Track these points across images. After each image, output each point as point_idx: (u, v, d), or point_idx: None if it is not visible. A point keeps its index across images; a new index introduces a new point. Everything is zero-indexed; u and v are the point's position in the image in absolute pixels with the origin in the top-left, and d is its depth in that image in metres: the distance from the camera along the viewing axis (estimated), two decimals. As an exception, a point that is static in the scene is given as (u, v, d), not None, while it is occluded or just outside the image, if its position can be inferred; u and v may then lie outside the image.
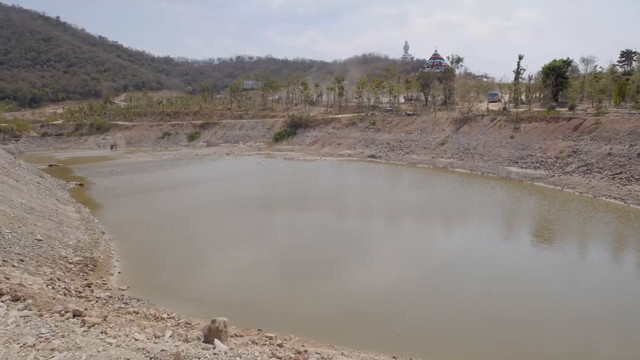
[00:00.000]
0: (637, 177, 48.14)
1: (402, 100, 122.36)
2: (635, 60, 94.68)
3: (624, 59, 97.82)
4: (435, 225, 40.02)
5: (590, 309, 22.32)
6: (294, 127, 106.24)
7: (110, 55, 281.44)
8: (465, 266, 28.69)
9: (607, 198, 46.43)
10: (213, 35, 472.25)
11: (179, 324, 18.49)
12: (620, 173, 50.23)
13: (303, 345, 17.71)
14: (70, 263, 24.60)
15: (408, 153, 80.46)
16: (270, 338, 17.95)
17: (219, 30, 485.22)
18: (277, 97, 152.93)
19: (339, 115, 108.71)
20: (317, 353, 16.34)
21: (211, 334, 13.53)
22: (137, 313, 18.98)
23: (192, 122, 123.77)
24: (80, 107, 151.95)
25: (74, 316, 13.93)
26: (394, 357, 17.35)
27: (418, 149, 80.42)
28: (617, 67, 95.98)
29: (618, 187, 48.10)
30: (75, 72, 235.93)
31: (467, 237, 36.25)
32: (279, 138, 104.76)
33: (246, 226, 37.69)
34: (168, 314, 19.63)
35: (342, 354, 17.00)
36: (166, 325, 17.59)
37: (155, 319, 18.66)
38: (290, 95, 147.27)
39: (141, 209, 44.52)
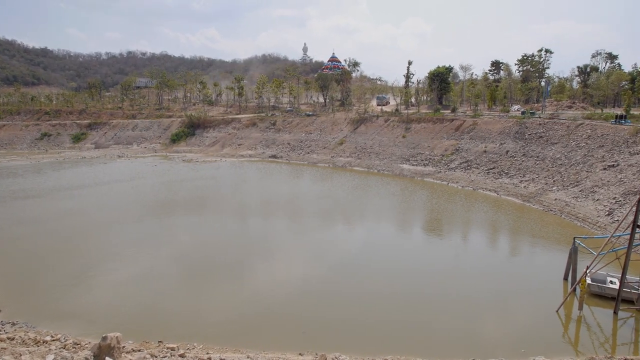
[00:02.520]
0: (506, 171, 54.88)
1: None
2: (502, 70, 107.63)
3: (494, 68, 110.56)
4: (336, 222, 41.44)
5: (472, 289, 24.96)
6: (193, 128, 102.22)
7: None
8: (364, 260, 30.18)
9: (483, 190, 52.24)
10: (99, 28, 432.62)
11: (65, 345, 16.80)
12: (493, 168, 56.84)
13: (207, 353, 17.24)
14: None
15: (308, 153, 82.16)
16: (172, 349, 17.17)
17: (106, 22, 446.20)
18: (173, 96, 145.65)
19: (239, 116, 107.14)
20: (221, 359, 16.03)
21: (102, 353, 12.53)
22: (13, 339, 16.86)
23: (78, 121, 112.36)
24: None
25: None
26: (300, 354, 17.67)
27: (318, 148, 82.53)
28: (489, 75, 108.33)
29: (492, 180, 54.41)
30: None
31: (366, 232, 38.17)
32: (176, 139, 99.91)
33: (141, 233, 35.38)
34: (52, 336, 17.73)
35: (248, 357, 16.88)
36: (49, 349, 15.88)
37: (35, 343, 16.73)
38: (188, 95, 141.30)
39: (10, 220, 38.91)
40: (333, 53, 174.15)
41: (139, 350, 16.38)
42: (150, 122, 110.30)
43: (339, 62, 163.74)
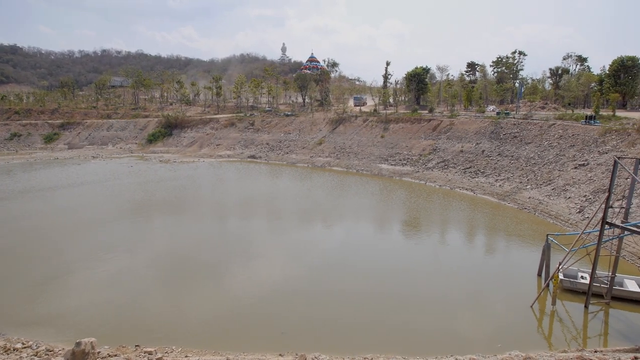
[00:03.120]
0: (482, 170, 55.96)
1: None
2: (478, 71, 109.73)
3: (470, 69, 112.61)
4: (315, 222, 41.47)
5: (450, 287, 25.35)
6: (170, 128, 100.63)
7: None
8: (344, 260, 30.30)
9: (460, 189, 53.14)
10: (72, 25, 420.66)
11: (37, 352, 16.30)
12: (470, 168, 57.87)
13: (186, 356, 17.02)
14: None
15: (287, 153, 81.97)
16: (150, 353, 16.88)
17: (79, 19, 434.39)
18: (150, 95, 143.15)
19: (218, 116, 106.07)
20: (200, 362, 15.86)
21: (76, 359, 12.22)
22: (-19, 347, 16.26)
23: (49, 121, 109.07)
24: None
25: None
26: (280, 355, 17.61)
27: (297, 148, 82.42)
28: (465, 75, 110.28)
29: (468, 179, 55.39)
30: None
31: (345, 232, 38.32)
32: (153, 139, 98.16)
33: (116, 234, 34.61)
34: (23, 343, 17.19)
35: (228, 359, 16.74)
36: (20, 357, 15.41)
37: (5, 351, 16.18)
38: (165, 94, 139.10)
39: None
40: (312, 53, 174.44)
41: (115, 355, 16.05)
42: (126, 122, 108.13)
43: (318, 62, 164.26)
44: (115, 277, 25.98)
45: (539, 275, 26.70)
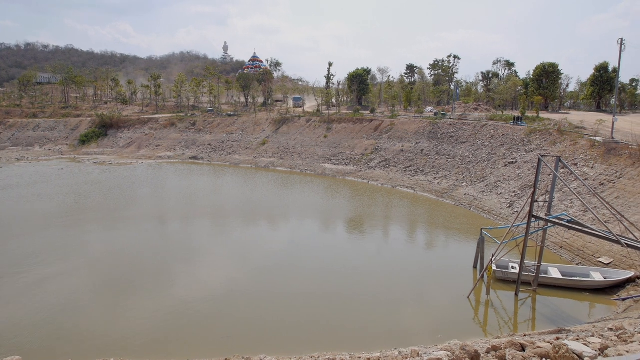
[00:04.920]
0: (422, 169, 58.19)
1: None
2: (417, 73, 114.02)
3: (409, 71, 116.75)
4: (258, 223, 41.07)
5: (392, 282, 26.12)
6: (105, 128, 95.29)
7: None
8: (288, 260, 30.27)
9: (401, 187, 54.93)
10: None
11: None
12: (410, 166, 59.96)
13: (124, 367, 16.19)
14: None
15: (230, 154, 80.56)
16: (83, 366, 15.89)
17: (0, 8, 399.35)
18: (82, 93, 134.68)
19: (157, 115, 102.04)
20: (141, 372, 15.16)
21: (1, 377, 11.24)
22: None
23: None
24: None
25: None
26: (225, 359, 17.24)
27: (240, 149, 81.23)
28: (405, 77, 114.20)
29: (409, 178, 57.38)
30: None
31: (289, 232, 38.32)
32: (86, 140, 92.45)
33: (45, 242, 32.18)
34: None
35: (170, 367, 16.14)
36: None
37: None
38: (99, 93, 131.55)
39: None
40: (254, 53, 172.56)
41: (45, 371, 14.94)
42: (55, 121, 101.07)
43: (261, 62, 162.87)
44: (43, 288, 24.17)
45: (475, 267, 28.19)
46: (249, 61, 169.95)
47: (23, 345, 18.06)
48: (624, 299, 23.21)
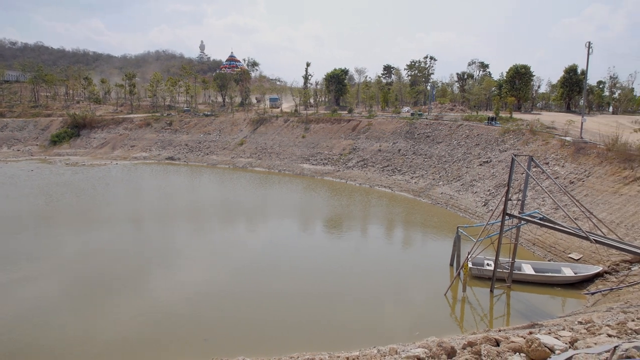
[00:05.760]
0: (399, 169, 58.84)
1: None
2: (394, 74, 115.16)
3: (386, 72, 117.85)
4: (237, 224, 40.78)
5: (371, 281, 26.34)
6: (77, 128, 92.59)
7: None
8: (266, 260, 30.13)
9: (379, 187, 55.42)
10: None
11: None
12: (387, 166, 60.54)
13: (99, 372, 15.84)
14: None
15: (208, 154, 79.68)
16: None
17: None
18: (53, 92, 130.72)
19: (132, 115, 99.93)
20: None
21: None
22: None
23: None
24: None
25: None
26: (203, 362, 17.07)
27: (218, 149, 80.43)
28: (382, 78, 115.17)
29: (387, 177, 57.93)
30: None
31: (268, 232, 38.14)
32: (57, 140, 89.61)
33: (14, 246, 31.14)
34: None
35: (147, 371, 15.87)
36: None
37: None
38: (71, 92, 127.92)
39: None
40: (231, 52, 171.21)
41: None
42: (24, 121, 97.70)
43: (238, 61, 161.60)
44: (6, 294, 23.38)
45: (451, 264, 28.69)
46: (226, 61, 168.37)
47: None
48: (592, 293, 24.04)
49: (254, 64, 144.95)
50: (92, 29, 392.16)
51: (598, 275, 25.77)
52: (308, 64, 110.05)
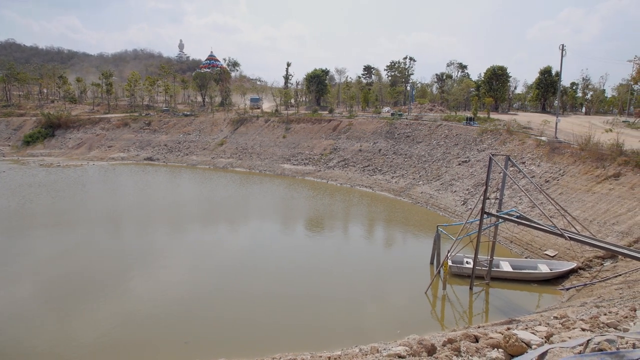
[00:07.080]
0: (379, 168, 59.27)
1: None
2: (374, 74, 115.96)
3: (366, 72, 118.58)
4: (217, 225, 40.41)
5: (352, 281, 26.48)
6: (52, 128, 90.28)
7: None
8: (248, 262, 29.93)
9: (360, 187, 55.72)
10: None
11: None
12: (368, 166, 60.91)
13: (76, 378, 15.49)
14: None
15: (187, 154, 78.75)
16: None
17: None
18: (26, 91, 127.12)
19: (109, 115, 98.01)
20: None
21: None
22: None
23: None
24: None
25: None
26: (184, 365, 16.87)
27: (197, 149, 79.59)
28: (362, 78, 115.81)
29: (367, 177, 58.28)
30: None
31: (249, 233, 37.93)
32: (31, 141, 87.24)
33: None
34: None
35: (126, 376, 15.60)
36: None
37: None
38: (45, 91, 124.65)
39: None
40: (211, 52, 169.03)
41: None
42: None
43: (218, 61, 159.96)
44: (-15, 299, 22.66)
45: (432, 263, 29.06)
46: (206, 60, 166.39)
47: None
48: (567, 289, 24.71)
49: (235, 64, 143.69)
50: (69, 26, 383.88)
51: (572, 271, 26.48)
52: (289, 64, 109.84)
